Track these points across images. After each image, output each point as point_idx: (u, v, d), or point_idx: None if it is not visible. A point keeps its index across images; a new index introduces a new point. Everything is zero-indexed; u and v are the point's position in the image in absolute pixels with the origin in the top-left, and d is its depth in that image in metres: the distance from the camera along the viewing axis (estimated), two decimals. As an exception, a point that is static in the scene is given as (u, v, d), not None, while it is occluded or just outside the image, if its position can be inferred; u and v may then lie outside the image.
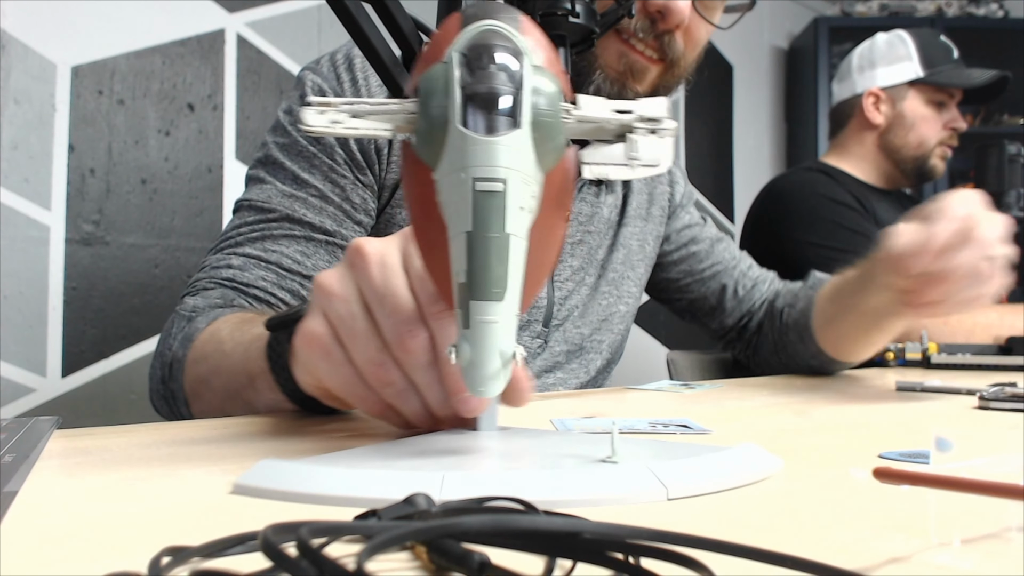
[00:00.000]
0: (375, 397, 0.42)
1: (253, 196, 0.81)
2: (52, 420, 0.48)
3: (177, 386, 0.70)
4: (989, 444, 0.46)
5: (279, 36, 1.57)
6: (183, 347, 0.69)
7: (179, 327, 0.72)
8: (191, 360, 0.68)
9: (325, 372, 0.42)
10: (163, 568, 0.19)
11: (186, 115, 1.43)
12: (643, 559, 0.19)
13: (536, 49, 0.35)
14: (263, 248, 0.78)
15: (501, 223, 0.33)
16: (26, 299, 1.25)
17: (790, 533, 0.26)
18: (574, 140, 0.36)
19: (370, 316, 0.41)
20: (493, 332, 0.33)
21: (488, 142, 0.32)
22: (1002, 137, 1.70)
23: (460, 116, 0.32)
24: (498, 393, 0.34)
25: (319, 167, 0.81)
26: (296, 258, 0.78)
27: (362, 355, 0.40)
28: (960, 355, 1.02)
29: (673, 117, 0.36)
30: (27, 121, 1.25)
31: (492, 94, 0.32)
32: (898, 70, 1.67)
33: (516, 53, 0.33)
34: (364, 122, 0.38)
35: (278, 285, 0.77)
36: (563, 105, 0.35)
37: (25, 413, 1.24)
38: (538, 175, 0.34)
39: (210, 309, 0.73)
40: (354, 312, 0.41)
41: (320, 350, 0.42)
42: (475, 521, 0.18)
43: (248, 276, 0.77)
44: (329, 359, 0.42)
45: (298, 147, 0.82)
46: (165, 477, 0.34)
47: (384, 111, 0.37)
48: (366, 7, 0.51)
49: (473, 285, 0.33)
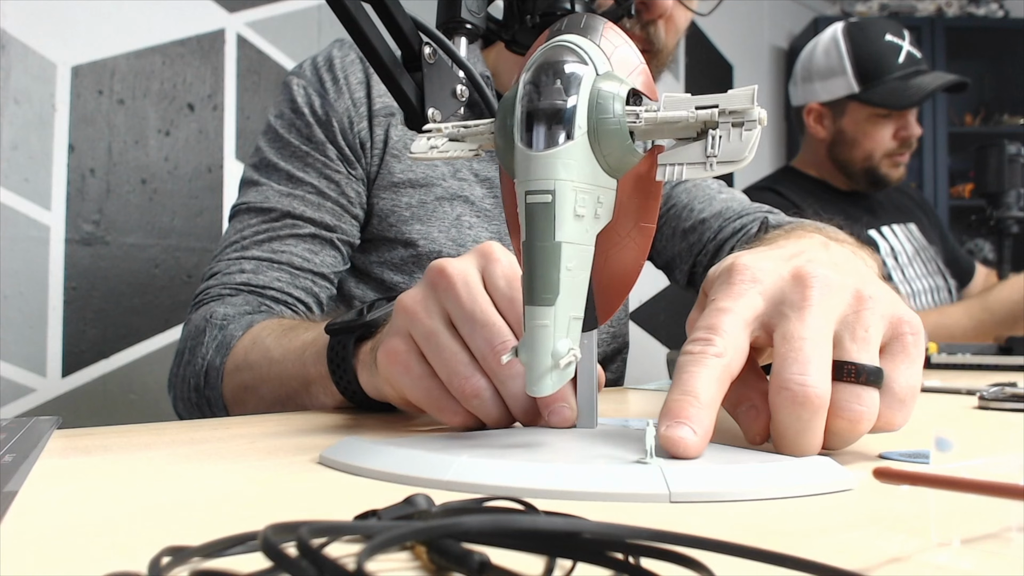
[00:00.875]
0: (456, 407, 0.44)
1: (250, 199, 0.83)
2: (52, 420, 0.48)
3: (216, 394, 0.72)
4: (989, 444, 0.46)
5: (279, 36, 1.57)
6: (219, 355, 0.72)
7: (211, 335, 0.74)
8: (231, 368, 0.71)
9: (407, 385, 0.46)
10: (163, 568, 0.19)
11: (186, 115, 1.43)
12: (643, 559, 0.19)
13: (615, 56, 0.37)
14: (271, 249, 0.80)
15: (551, 232, 0.35)
16: (26, 299, 1.25)
17: (790, 533, 0.26)
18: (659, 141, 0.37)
19: (455, 333, 0.44)
20: (544, 335, 0.34)
21: (536, 156, 0.35)
22: (1002, 137, 1.69)
23: (520, 133, 0.36)
24: (550, 393, 0.35)
25: (313, 165, 0.83)
26: (305, 256, 0.81)
27: (450, 369, 0.43)
28: (960, 355, 1.02)
29: (761, 105, 0.34)
30: (27, 121, 1.25)
31: (543, 111, 0.35)
32: (833, 85, 1.59)
33: (579, 66, 0.35)
34: (456, 144, 0.43)
35: (292, 284, 0.80)
36: (630, 109, 0.36)
37: (25, 413, 1.24)
38: (606, 182, 0.36)
39: (240, 316, 0.75)
40: (439, 330, 0.44)
41: (401, 366, 0.45)
42: (475, 521, 0.18)
43: (263, 278, 0.79)
44: (410, 374, 0.45)
45: (291, 148, 0.84)
46: (165, 477, 0.34)
47: (474, 132, 0.41)
48: (366, 7, 0.51)
49: (526, 290, 0.35)
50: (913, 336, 0.38)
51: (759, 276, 0.38)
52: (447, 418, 0.45)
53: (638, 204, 0.38)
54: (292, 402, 0.64)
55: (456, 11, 0.54)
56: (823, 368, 0.35)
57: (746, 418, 0.38)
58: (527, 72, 0.36)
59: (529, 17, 0.59)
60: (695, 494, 0.29)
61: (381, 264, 0.87)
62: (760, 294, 0.38)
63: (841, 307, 0.37)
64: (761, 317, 0.37)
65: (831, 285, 0.37)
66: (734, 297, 0.37)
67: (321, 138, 0.83)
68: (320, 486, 0.33)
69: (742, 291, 0.38)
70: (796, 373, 0.34)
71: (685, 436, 0.33)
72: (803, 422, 0.34)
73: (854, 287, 0.38)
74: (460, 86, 0.55)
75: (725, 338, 0.36)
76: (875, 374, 0.36)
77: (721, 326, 0.36)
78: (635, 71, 0.38)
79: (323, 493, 0.32)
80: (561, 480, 0.30)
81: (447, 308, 0.44)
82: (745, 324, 0.37)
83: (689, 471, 0.31)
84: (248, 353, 0.69)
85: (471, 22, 0.55)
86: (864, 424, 0.36)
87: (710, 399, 0.34)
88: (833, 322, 0.37)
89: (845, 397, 0.35)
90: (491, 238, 0.86)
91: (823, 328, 0.36)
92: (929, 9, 3.13)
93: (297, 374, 0.63)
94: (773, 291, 0.38)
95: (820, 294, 0.37)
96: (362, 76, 0.86)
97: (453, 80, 0.55)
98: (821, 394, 0.34)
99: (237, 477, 0.34)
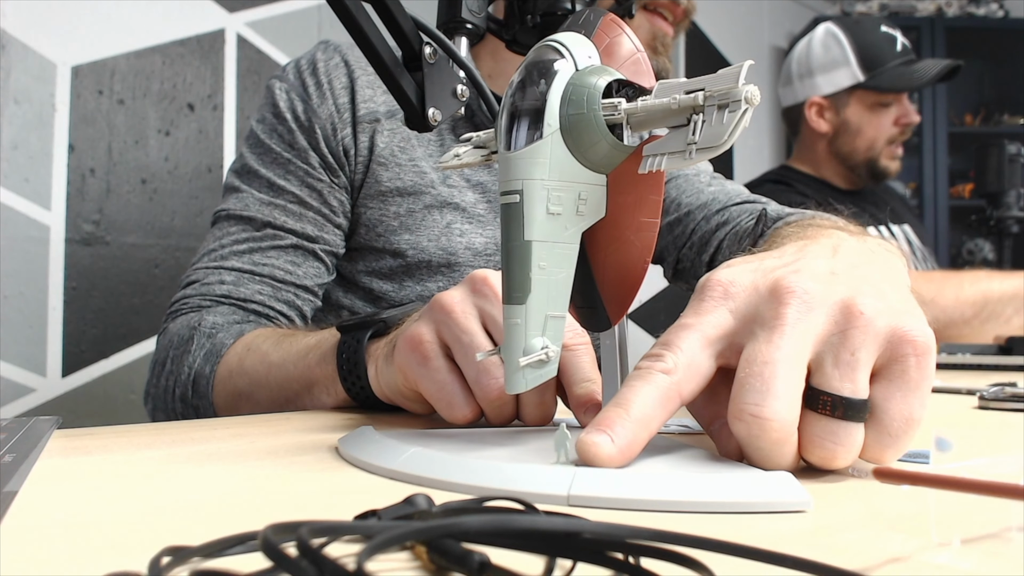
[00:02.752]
0: (465, 406, 0.45)
1: (231, 206, 0.82)
2: (52, 420, 0.48)
3: (206, 403, 0.71)
4: (989, 444, 0.46)
5: (279, 36, 1.56)
6: (209, 363, 0.71)
7: (199, 344, 0.73)
8: (223, 375, 0.69)
9: (421, 375, 0.46)
10: (163, 568, 0.19)
11: (186, 115, 1.43)
12: (643, 559, 0.19)
13: (606, 47, 0.37)
14: (252, 262, 0.79)
15: (520, 232, 0.35)
16: (26, 299, 1.25)
17: (790, 533, 0.26)
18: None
19: (488, 336, 0.45)
20: (517, 333, 0.35)
21: (507, 157, 0.35)
22: (1002, 137, 1.69)
23: (501, 135, 0.36)
24: (523, 390, 0.36)
25: (295, 172, 0.81)
26: (287, 268, 0.80)
27: (480, 369, 0.44)
28: (960, 355, 1.02)
29: (751, 82, 0.31)
30: (27, 121, 1.25)
31: (522, 111, 0.35)
32: (837, 77, 1.60)
33: (558, 63, 0.35)
34: (475, 151, 0.44)
35: (274, 297, 0.79)
36: (608, 102, 0.35)
37: (25, 413, 1.24)
38: (589, 177, 0.36)
39: (230, 326, 0.74)
40: (474, 330, 0.45)
41: (421, 355, 0.46)
42: (475, 521, 0.18)
43: (244, 291, 0.78)
44: (427, 364, 0.46)
45: (272, 154, 0.82)
46: (165, 477, 0.34)
47: (489, 138, 0.43)
48: (366, 7, 0.51)
49: (502, 289, 0.36)
50: (917, 358, 0.33)
51: (732, 291, 0.35)
52: (455, 413, 0.45)
53: (637, 199, 0.37)
54: (291, 405, 0.64)
55: (456, 11, 0.54)
56: (784, 397, 0.31)
57: (719, 436, 0.35)
58: (516, 74, 0.36)
59: (529, 17, 0.59)
60: (596, 499, 0.29)
61: (369, 273, 0.85)
62: (731, 312, 0.35)
63: (823, 325, 0.33)
64: (729, 336, 0.34)
65: (812, 301, 0.33)
66: (700, 314, 0.35)
67: (303, 144, 0.82)
68: (320, 486, 0.33)
69: (709, 308, 0.35)
70: (751, 403, 0.31)
71: (599, 442, 0.31)
72: (763, 452, 0.32)
73: (844, 301, 0.33)
74: (460, 86, 0.55)
75: (678, 355, 0.33)
76: (855, 407, 0.32)
77: (677, 343, 0.34)
78: (627, 60, 0.37)
79: (323, 493, 0.32)
80: (463, 475, 0.31)
81: (484, 312, 0.45)
82: (707, 343, 0.34)
83: (599, 475, 0.30)
84: (243, 359, 0.68)
85: (471, 22, 0.55)
86: (839, 461, 0.32)
87: (642, 415, 0.32)
88: (811, 344, 0.33)
89: (817, 432, 0.32)
90: (485, 244, 0.85)
91: (795, 350, 0.32)
92: (929, 9, 3.13)
93: (299, 376, 0.62)
94: (746, 308, 0.34)
95: (797, 312, 0.33)
96: (346, 81, 0.83)
97: (454, 80, 0.55)
98: (780, 427, 0.31)
99: (237, 477, 0.34)
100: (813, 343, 0.33)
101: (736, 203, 0.89)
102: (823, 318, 0.33)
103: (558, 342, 0.36)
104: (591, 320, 0.39)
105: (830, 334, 0.33)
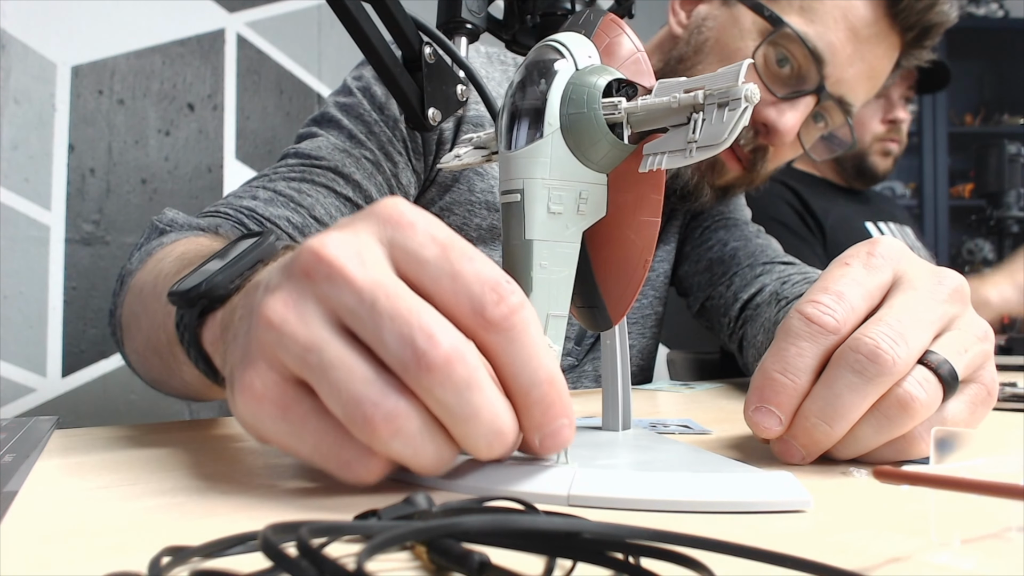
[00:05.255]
0: (367, 457, 0.38)
1: (302, 146, 0.73)
2: (52, 420, 0.48)
3: (117, 304, 0.59)
4: (989, 444, 0.46)
5: (279, 36, 1.57)
6: (140, 262, 0.57)
7: (145, 237, 0.61)
8: (134, 285, 0.55)
9: (286, 436, 0.29)
10: (163, 568, 0.19)
11: (186, 115, 1.43)
12: (643, 559, 0.19)
13: (606, 47, 0.37)
14: (298, 189, 0.68)
15: (521, 231, 0.35)
16: (26, 299, 1.25)
17: (790, 533, 0.26)
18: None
19: (350, 339, 0.39)
20: None
21: (508, 156, 0.35)
22: (1002, 137, 1.69)
23: (502, 135, 0.36)
24: None
25: (378, 135, 0.75)
26: (331, 212, 0.69)
27: (347, 395, 0.30)
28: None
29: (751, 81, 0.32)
30: (27, 121, 1.25)
31: (522, 110, 0.35)
32: None
33: (558, 63, 0.36)
34: (473, 151, 0.44)
35: (300, 231, 0.66)
36: (608, 101, 0.35)
37: (25, 413, 1.24)
38: (590, 176, 0.36)
39: (188, 228, 0.60)
40: (323, 339, 0.37)
41: (272, 407, 0.30)
42: (475, 521, 0.18)
43: (271, 211, 0.66)
44: (287, 417, 0.29)
45: (360, 109, 0.75)
46: (165, 477, 0.34)
47: (490, 138, 0.42)
48: (366, 7, 0.51)
49: None
50: (986, 394, 0.39)
51: (898, 258, 0.39)
52: (359, 475, 0.28)
53: (637, 198, 0.37)
54: (159, 358, 0.48)
55: (456, 11, 0.54)
56: (913, 342, 0.35)
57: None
58: (516, 74, 0.36)
59: (529, 17, 0.59)
60: (596, 499, 0.29)
61: None
62: (892, 269, 0.38)
63: (958, 323, 0.38)
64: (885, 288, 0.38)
65: (967, 313, 0.39)
66: (872, 269, 0.38)
67: (394, 114, 0.75)
68: (320, 486, 0.33)
69: (878, 265, 0.38)
70: (883, 335, 0.34)
71: (770, 427, 0.36)
72: (856, 386, 0.34)
73: (982, 328, 0.39)
74: (460, 86, 0.55)
75: (849, 314, 0.36)
76: (952, 376, 0.36)
77: (849, 297, 0.36)
78: (627, 60, 0.37)
79: (323, 493, 0.31)
80: (463, 475, 0.31)
81: (333, 304, 0.28)
82: (871, 301, 0.37)
83: (599, 475, 0.30)
84: (151, 272, 0.52)
85: (471, 22, 0.55)
86: (915, 407, 0.35)
87: (804, 385, 0.35)
88: (939, 322, 0.37)
89: (913, 374, 0.35)
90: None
91: (933, 315, 0.37)
92: (929, 9, 3.12)
93: (162, 324, 0.45)
94: (912, 274, 0.38)
95: (952, 298, 0.38)
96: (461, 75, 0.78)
97: (454, 80, 0.55)
98: (893, 363, 0.34)
99: (237, 477, 0.34)
100: (941, 323, 0.38)
101: (782, 261, 0.88)
102: (962, 320, 0.39)
103: (560, 342, 0.36)
104: (592, 320, 0.39)
105: (959, 329, 0.38)
